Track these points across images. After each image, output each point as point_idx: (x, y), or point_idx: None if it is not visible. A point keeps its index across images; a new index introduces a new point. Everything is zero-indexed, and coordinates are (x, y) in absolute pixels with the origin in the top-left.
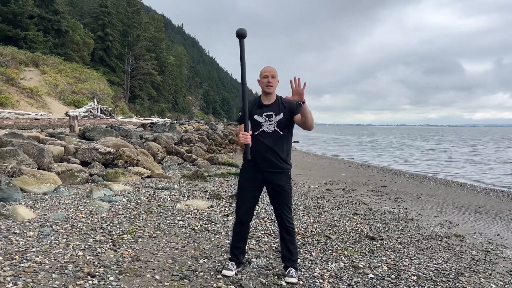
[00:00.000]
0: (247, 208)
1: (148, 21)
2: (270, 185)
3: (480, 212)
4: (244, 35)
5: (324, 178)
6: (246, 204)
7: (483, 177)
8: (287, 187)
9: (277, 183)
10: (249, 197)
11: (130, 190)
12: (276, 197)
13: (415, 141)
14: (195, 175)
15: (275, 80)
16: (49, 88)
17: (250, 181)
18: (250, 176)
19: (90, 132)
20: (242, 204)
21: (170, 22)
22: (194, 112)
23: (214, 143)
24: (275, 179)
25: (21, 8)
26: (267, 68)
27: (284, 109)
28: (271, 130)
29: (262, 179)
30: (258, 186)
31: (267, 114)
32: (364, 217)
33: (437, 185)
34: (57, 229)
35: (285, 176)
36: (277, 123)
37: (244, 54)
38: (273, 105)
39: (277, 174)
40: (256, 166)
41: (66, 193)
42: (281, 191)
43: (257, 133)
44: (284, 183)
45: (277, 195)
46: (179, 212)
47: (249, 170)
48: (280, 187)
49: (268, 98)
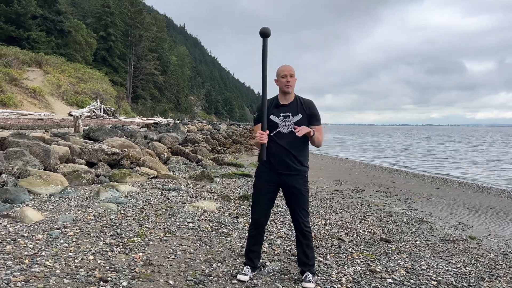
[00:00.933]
0: (262, 211)
1: (151, 21)
2: (286, 188)
3: (493, 214)
4: (268, 34)
5: (331, 178)
6: (262, 207)
7: (490, 178)
8: (304, 190)
9: (294, 185)
10: (265, 199)
11: (137, 191)
12: (292, 200)
13: (419, 141)
14: (201, 175)
15: (294, 79)
16: (52, 88)
17: (266, 183)
18: (265, 178)
19: (95, 132)
20: (257, 206)
21: (172, 22)
22: (196, 112)
23: (218, 143)
24: (292, 182)
25: (24, 8)
26: (285, 67)
27: (303, 111)
28: (288, 131)
29: (278, 181)
30: (274, 188)
31: (284, 114)
32: (375, 219)
33: (445, 185)
34: (66, 231)
35: (301, 178)
36: (294, 124)
37: (266, 53)
38: (291, 105)
39: (294, 177)
40: (272, 167)
41: (73, 194)
42: (297, 194)
43: (273, 133)
44: (301, 186)
45: (293, 198)
46: (188, 213)
47: (264, 171)
48: (296, 190)
49: (286, 98)
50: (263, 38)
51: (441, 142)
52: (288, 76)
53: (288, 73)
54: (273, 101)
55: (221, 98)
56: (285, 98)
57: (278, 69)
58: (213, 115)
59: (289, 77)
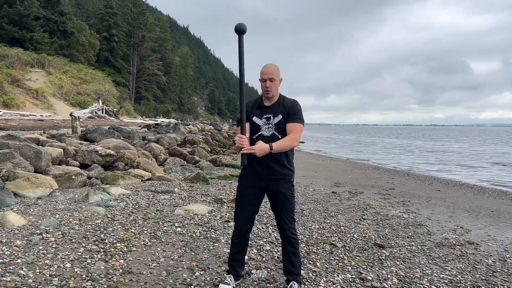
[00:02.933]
0: (246, 218)
1: (154, 22)
2: (271, 193)
3: (493, 217)
4: (244, 30)
5: (329, 180)
6: (245, 214)
7: (492, 179)
8: (289, 195)
9: (279, 190)
10: (249, 205)
11: (129, 193)
12: (278, 205)
13: (423, 142)
14: (196, 177)
15: (274, 83)
16: (55, 89)
17: (249, 188)
18: (249, 183)
19: (92, 133)
20: (241, 213)
21: (175, 23)
22: (200, 113)
23: (219, 144)
24: (277, 187)
25: (27, 9)
26: (266, 69)
27: (283, 111)
28: (270, 134)
29: (262, 186)
30: (258, 193)
31: (267, 116)
32: (371, 222)
33: (446, 187)
34: (47, 237)
35: (287, 183)
36: (275, 126)
37: (243, 51)
38: (273, 106)
39: (278, 181)
40: (255, 172)
41: (62, 197)
42: (283, 199)
43: (255, 137)
44: (286, 191)
45: (278, 203)
46: (177, 217)
47: (248, 176)
48: (282, 195)
49: (269, 99)
50: (238, 35)
51: (446, 143)
52: (267, 80)
53: (267, 77)
54: (257, 102)
55: (224, 99)
56: (269, 100)
57: (261, 69)
58: (216, 116)
59: (268, 82)
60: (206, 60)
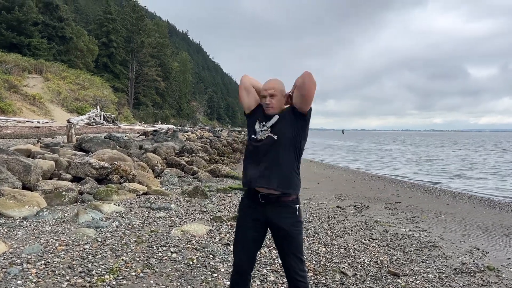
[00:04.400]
0: (245, 255)
1: (153, 27)
2: (272, 227)
3: (509, 235)
4: None
5: (333, 192)
6: (244, 250)
7: (499, 189)
8: (294, 231)
9: (280, 225)
10: (248, 240)
11: (123, 211)
12: (281, 243)
13: (425, 148)
14: (194, 191)
15: (276, 99)
16: (52, 95)
17: (249, 220)
18: (248, 214)
19: (87, 143)
20: (239, 248)
21: (174, 29)
22: (199, 118)
23: (218, 152)
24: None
25: (25, 15)
26: (268, 84)
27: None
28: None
29: (264, 219)
30: (259, 228)
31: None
32: (381, 244)
33: (454, 200)
34: (28, 268)
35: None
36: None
37: None
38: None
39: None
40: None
41: (49, 217)
42: (286, 236)
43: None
44: (290, 226)
45: (281, 240)
46: (173, 240)
47: (247, 205)
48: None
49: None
50: None
51: (448, 150)
52: (268, 97)
53: (267, 93)
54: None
55: (223, 104)
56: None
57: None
58: (215, 121)
59: (269, 98)
60: (205, 65)
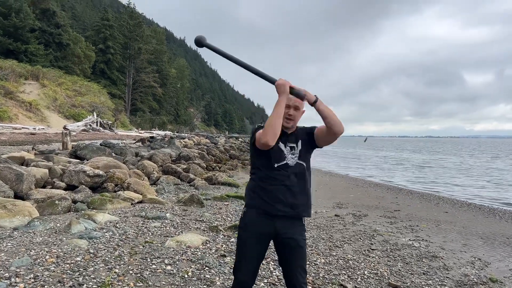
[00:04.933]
0: (250, 271)
1: (150, 34)
2: (280, 239)
3: (510, 245)
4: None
5: (331, 200)
6: (249, 266)
7: (498, 196)
8: (302, 240)
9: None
10: (253, 256)
11: (117, 220)
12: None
13: (422, 155)
14: (190, 200)
15: (299, 112)
16: (49, 101)
17: (255, 235)
18: (255, 229)
19: (82, 150)
20: (243, 265)
21: (172, 35)
22: (196, 124)
23: (215, 159)
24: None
25: (22, 21)
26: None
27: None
28: (294, 163)
29: (270, 232)
30: (265, 241)
31: (291, 145)
32: (381, 254)
33: (453, 208)
34: (16, 282)
35: (300, 225)
36: (299, 154)
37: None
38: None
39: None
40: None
41: (41, 227)
42: (295, 246)
43: (278, 165)
44: (298, 236)
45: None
46: (168, 251)
47: (254, 219)
48: (293, 241)
49: (288, 128)
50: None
51: (446, 156)
52: (292, 108)
53: (292, 104)
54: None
55: (220, 110)
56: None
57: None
58: (212, 127)
59: (293, 110)
60: (203, 72)
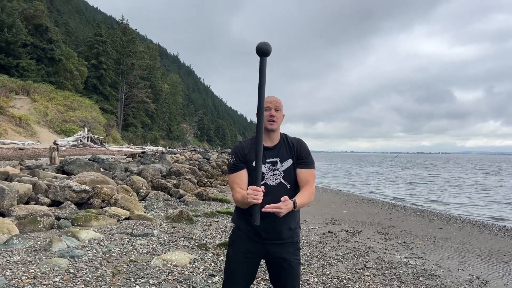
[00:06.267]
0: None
1: (143, 50)
2: (272, 259)
3: (508, 262)
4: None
5: (324, 216)
6: (237, 287)
7: (492, 212)
8: (294, 261)
9: (282, 256)
10: (242, 275)
11: (101, 238)
12: (279, 276)
13: (414, 171)
14: (180, 216)
15: (280, 114)
16: (39, 116)
17: (244, 254)
18: (243, 247)
19: (70, 165)
20: (230, 285)
21: (165, 51)
22: (189, 140)
23: (206, 174)
24: (279, 252)
25: (14, 36)
26: (269, 98)
27: (292, 154)
28: (276, 183)
29: (260, 251)
30: (255, 260)
31: (271, 160)
32: (376, 273)
33: (448, 224)
34: None
35: (292, 246)
36: (283, 173)
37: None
38: (278, 147)
39: (283, 246)
40: (253, 233)
41: (20, 245)
42: (286, 267)
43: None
44: (291, 257)
45: (280, 273)
46: (153, 271)
47: (242, 238)
48: (285, 263)
49: (271, 137)
50: (260, 57)
51: (438, 172)
52: (273, 109)
53: (272, 106)
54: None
55: (213, 126)
56: (270, 138)
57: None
58: (205, 142)
59: (274, 111)
60: (196, 87)
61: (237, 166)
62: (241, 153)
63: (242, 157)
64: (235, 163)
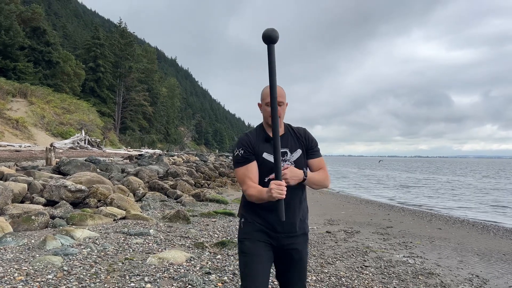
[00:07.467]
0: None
1: (141, 53)
2: (283, 252)
3: (507, 262)
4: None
5: (322, 217)
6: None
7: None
8: (305, 252)
9: (295, 248)
10: (264, 267)
11: (97, 237)
12: (290, 268)
13: (413, 174)
14: (176, 216)
15: (282, 108)
16: (36, 119)
17: (262, 243)
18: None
19: (66, 166)
20: (255, 279)
21: (163, 55)
22: (186, 143)
23: (204, 176)
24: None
25: (11, 39)
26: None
27: (301, 144)
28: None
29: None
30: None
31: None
32: (375, 271)
33: (447, 224)
34: None
35: (303, 237)
36: (294, 164)
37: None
38: (285, 138)
39: (296, 237)
40: (266, 226)
41: (13, 243)
42: (297, 259)
43: (268, 179)
44: (303, 248)
45: (290, 265)
46: (149, 269)
47: (256, 231)
48: (297, 254)
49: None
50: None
51: (436, 175)
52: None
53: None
54: (260, 133)
55: (211, 129)
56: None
57: (262, 92)
58: (203, 146)
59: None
60: (194, 91)
61: (247, 159)
62: (249, 145)
63: (251, 149)
64: (244, 155)
